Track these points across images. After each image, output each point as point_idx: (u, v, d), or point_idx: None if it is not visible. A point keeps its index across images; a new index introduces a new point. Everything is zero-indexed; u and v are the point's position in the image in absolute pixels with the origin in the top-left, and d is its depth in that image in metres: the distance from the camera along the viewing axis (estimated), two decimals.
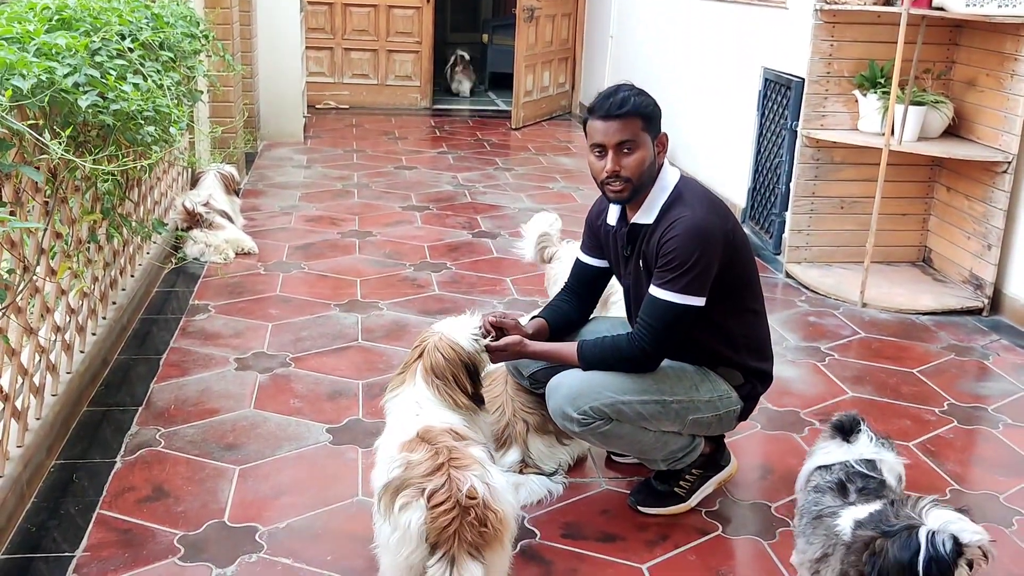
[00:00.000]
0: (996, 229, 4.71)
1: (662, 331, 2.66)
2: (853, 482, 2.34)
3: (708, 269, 2.65)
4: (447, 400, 2.54)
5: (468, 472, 2.24)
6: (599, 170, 2.71)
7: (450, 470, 2.25)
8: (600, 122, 2.67)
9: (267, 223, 5.97)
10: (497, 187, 7.22)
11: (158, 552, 2.67)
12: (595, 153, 2.72)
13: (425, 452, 2.32)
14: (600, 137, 2.68)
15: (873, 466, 2.37)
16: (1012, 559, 2.79)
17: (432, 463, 2.27)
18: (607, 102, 2.67)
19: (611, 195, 2.75)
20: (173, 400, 3.57)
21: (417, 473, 2.26)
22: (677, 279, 2.63)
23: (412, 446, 2.37)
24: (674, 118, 7.49)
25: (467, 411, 2.58)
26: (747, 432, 3.46)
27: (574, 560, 2.71)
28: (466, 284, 4.98)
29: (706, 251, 2.64)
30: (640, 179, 2.70)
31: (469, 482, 2.21)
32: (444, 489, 2.21)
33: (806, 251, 5.34)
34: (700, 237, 2.64)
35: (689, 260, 2.62)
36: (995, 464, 3.37)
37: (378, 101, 10.61)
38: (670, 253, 2.64)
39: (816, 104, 5.09)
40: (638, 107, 2.67)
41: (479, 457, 2.33)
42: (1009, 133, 4.60)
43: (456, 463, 2.27)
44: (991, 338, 4.50)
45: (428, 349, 2.61)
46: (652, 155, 2.71)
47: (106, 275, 3.94)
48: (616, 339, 2.75)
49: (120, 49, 3.25)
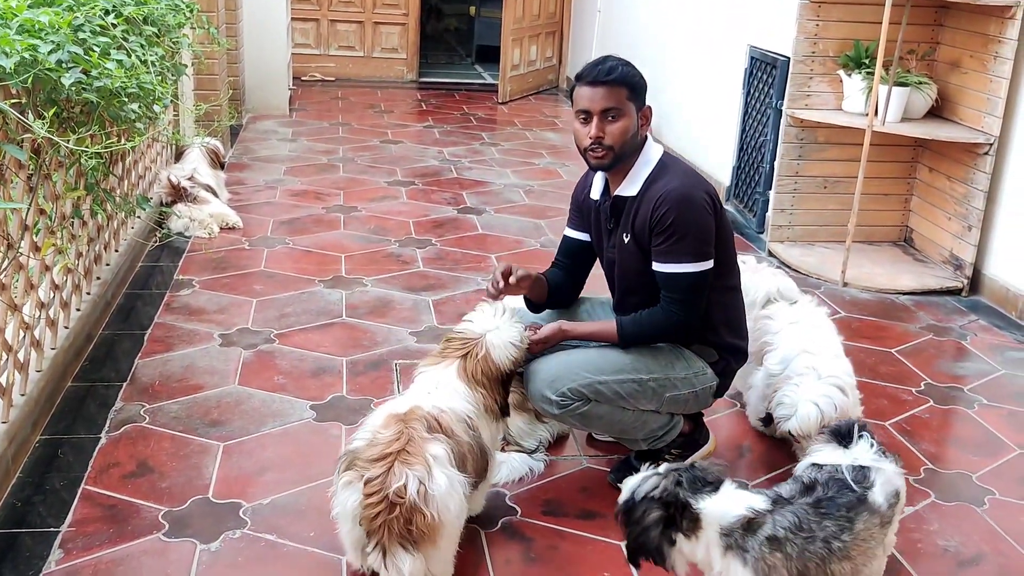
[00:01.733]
0: (977, 210, 4.75)
1: (690, 301, 2.74)
2: (827, 488, 2.19)
3: (708, 231, 2.74)
4: (481, 404, 2.58)
5: (410, 470, 2.24)
6: (583, 136, 2.76)
7: (395, 463, 2.26)
8: (587, 88, 2.73)
9: (252, 197, 5.95)
10: (483, 162, 7.22)
11: (143, 528, 2.70)
12: (580, 119, 2.77)
13: (391, 434, 2.34)
14: (586, 103, 2.73)
15: (865, 475, 2.23)
16: (983, 538, 2.85)
17: (383, 450, 2.29)
18: (595, 69, 2.73)
19: (593, 161, 2.80)
20: (158, 376, 3.59)
21: (368, 455, 2.30)
22: (684, 250, 2.70)
23: (390, 422, 2.40)
24: (660, 94, 7.50)
25: (491, 414, 2.62)
26: (726, 411, 3.51)
27: (554, 537, 2.76)
28: (451, 261, 5.00)
29: (698, 216, 2.72)
30: (622, 147, 2.74)
31: (403, 480, 2.22)
32: (379, 481, 2.24)
33: (789, 230, 5.37)
34: (687, 206, 2.71)
35: (687, 229, 2.69)
36: (969, 444, 3.42)
37: (364, 73, 10.56)
38: (668, 227, 2.69)
39: (801, 84, 5.11)
40: (625, 76, 2.72)
41: (433, 455, 2.31)
42: (991, 115, 4.63)
43: (404, 457, 2.27)
44: (969, 318, 4.56)
45: (472, 354, 2.61)
46: (635, 126, 2.76)
47: (90, 250, 3.93)
48: (651, 314, 2.79)
49: (104, 25, 3.24)
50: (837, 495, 2.17)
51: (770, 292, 3.33)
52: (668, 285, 2.75)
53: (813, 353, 3.06)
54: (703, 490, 2.07)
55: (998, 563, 2.74)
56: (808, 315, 3.28)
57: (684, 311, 2.75)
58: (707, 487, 2.09)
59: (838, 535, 2.11)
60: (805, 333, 3.17)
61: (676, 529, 2.07)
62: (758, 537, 2.05)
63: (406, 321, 4.20)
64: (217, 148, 5.74)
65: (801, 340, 3.13)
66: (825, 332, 3.23)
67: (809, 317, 3.27)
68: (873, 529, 2.19)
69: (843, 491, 2.17)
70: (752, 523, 2.06)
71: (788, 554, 2.05)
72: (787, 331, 3.20)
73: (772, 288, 3.33)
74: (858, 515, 2.16)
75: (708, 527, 2.05)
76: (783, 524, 2.07)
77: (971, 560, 2.74)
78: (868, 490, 2.20)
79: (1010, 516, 2.96)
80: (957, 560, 2.74)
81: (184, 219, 5.15)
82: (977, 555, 2.76)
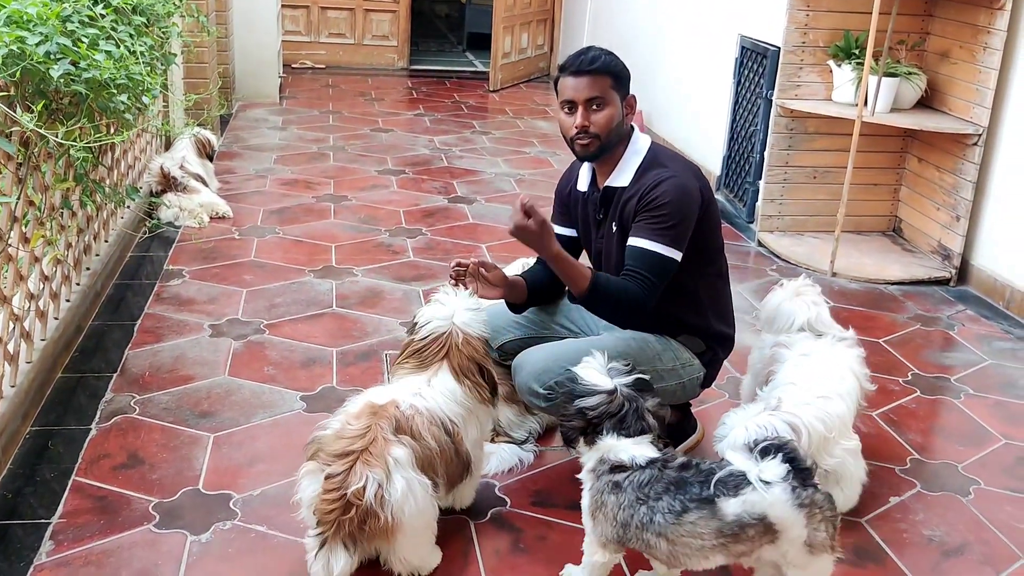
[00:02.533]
0: (965, 201, 4.77)
1: (652, 283, 2.70)
2: (695, 474, 2.23)
3: (688, 226, 2.74)
4: (474, 395, 2.58)
5: (370, 471, 2.27)
6: (568, 126, 2.77)
7: (356, 462, 2.29)
8: (571, 78, 2.74)
9: (242, 186, 5.95)
10: (474, 151, 7.22)
11: (133, 519, 2.71)
12: (565, 110, 2.78)
13: (358, 428, 2.36)
14: (571, 93, 2.74)
15: (738, 484, 2.17)
16: (967, 527, 2.88)
17: (347, 446, 2.32)
18: (578, 59, 2.74)
19: (579, 150, 2.80)
20: (148, 367, 3.59)
21: (333, 449, 2.33)
22: (665, 231, 2.69)
23: (363, 414, 2.41)
24: (652, 83, 7.51)
25: (483, 403, 2.62)
26: (715, 401, 3.53)
27: (543, 528, 2.78)
28: (441, 251, 5.00)
29: (690, 209, 2.73)
30: (608, 136, 2.75)
31: (362, 482, 2.25)
32: (339, 478, 2.28)
33: (778, 220, 5.39)
34: (684, 193, 2.72)
35: (674, 216, 2.69)
36: (955, 434, 3.45)
37: (355, 61, 10.53)
38: (659, 208, 2.69)
39: (791, 74, 5.12)
40: (608, 65, 2.74)
41: (395, 457, 2.32)
42: (980, 106, 4.65)
43: (367, 457, 2.29)
44: (957, 308, 4.59)
45: (452, 348, 2.58)
46: (620, 114, 2.77)
47: (80, 241, 3.93)
48: (624, 282, 2.74)
49: (92, 15, 3.23)
50: (693, 484, 2.21)
51: (804, 322, 3.04)
52: (638, 261, 2.69)
53: (797, 386, 2.79)
54: (622, 429, 2.29)
55: (982, 552, 2.76)
56: (825, 350, 2.95)
57: (645, 290, 2.69)
58: (627, 429, 2.30)
59: (665, 513, 2.20)
60: (807, 367, 2.88)
61: (583, 437, 2.35)
62: (611, 477, 2.29)
63: (396, 311, 4.20)
64: (208, 139, 5.72)
65: (797, 373, 2.87)
66: (833, 370, 2.87)
67: (825, 352, 2.94)
68: (705, 530, 2.18)
69: (701, 484, 2.21)
70: (621, 467, 2.28)
71: (619, 502, 2.27)
72: (793, 362, 2.93)
73: (806, 318, 3.04)
74: (695, 509, 2.18)
75: (596, 451, 2.33)
76: (634, 479, 2.26)
77: (956, 550, 2.77)
78: (722, 496, 2.17)
79: (994, 506, 2.99)
80: (942, 550, 2.77)
81: (174, 209, 5.15)
82: (962, 544, 2.79)
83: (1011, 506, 3.00)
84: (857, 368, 2.94)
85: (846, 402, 2.79)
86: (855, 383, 2.89)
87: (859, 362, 2.97)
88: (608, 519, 2.30)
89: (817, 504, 2.18)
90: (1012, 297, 4.53)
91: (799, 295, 3.10)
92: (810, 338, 3.01)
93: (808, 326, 3.03)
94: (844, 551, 2.70)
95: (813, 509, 2.17)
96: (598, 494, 2.32)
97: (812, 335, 3.02)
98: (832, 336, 3.02)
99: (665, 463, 2.27)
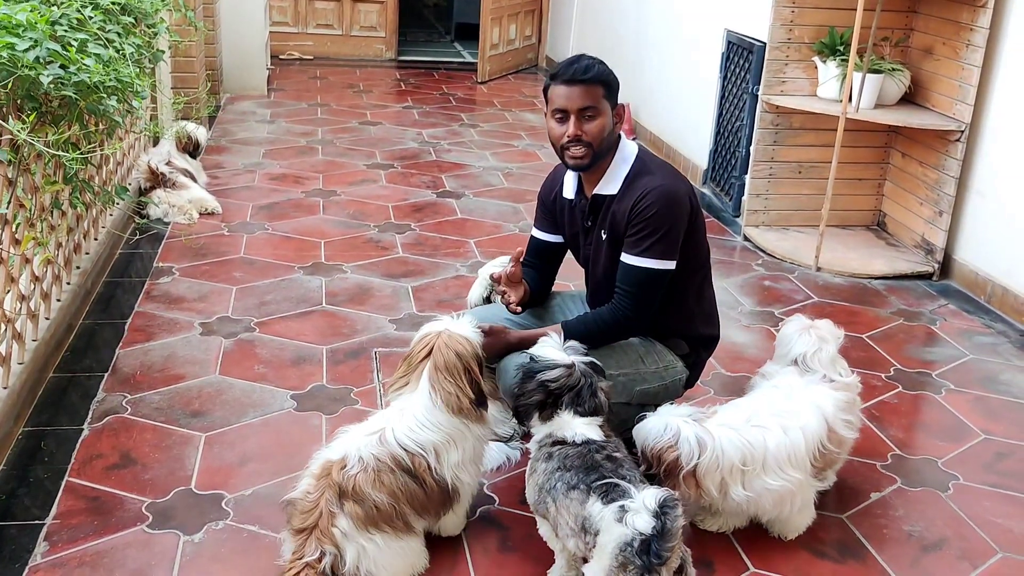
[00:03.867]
0: (948, 196, 4.83)
1: (642, 297, 2.77)
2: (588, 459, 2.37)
3: (679, 234, 2.79)
4: (452, 403, 2.54)
5: (323, 546, 2.43)
6: (559, 135, 2.78)
7: (310, 537, 2.44)
8: (564, 87, 2.75)
9: (231, 181, 5.96)
10: (462, 144, 7.24)
11: (127, 519, 2.74)
12: (556, 118, 2.79)
13: (311, 502, 2.47)
14: (563, 102, 2.75)
15: (622, 495, 2.20)
16: (946, 522, 2.94)
17: (302, 522, 2.47)
18: (571, 68, 2.75)
19: (571, 161, 2.82)
20: (139, 366, 3.62)
21: (295, 523, 2.49)
22: (653, 245, 2.74)
23: (320, 477, 2.49)
24: (639, 77, 7.54)
25: (467, 415, 2.57)
26: (700, 397, 3.58)
27: (530, 525, 2.79)
28: (430, 247, 5.04)
29: (678, 217, 2.77)
30: (600, 145, 2.78)
31: (316, 555, 2.42)
32: (298, 552, 2.46)
33: (764, 215, 5.44)
34: (672, 203, 2.76)
35: (664, 226, 2.74)
36: (936, 429, 3.51)
37: (343, 52, 10.51)
38: (645, 220, 2.74)
39: (776, 70, 5.15)
40: (600, 75, 2.76)
41: (342, 530, 2.43)
42: (963, 102, 4.70)
43: (318, 534, 2.44)
44: (939, 303, 4.65)
45: (438, 346, 2.59)
46: (611, 124, 2.80)
47: (70, 240, 3.95)
48: (598, 313, 2.86)
49: (81, 18, 3.24)
50: (598, 473, 2.31)
51: (799, 355, 2.87)
52: (626, 278, 2.78)
53: (739, 408, 2.73)
54: (578, 404, 2.46)
55: (960, 547, 2.83)
56: (797, 385, 2.81)
57: (634, 307, 2.77)
58: (583, 404, 2.46)
59: (562, 483, 2.36)
60: (767, 396, 2.79)
61: (538, 411, 2.51)
62: (550, 449, 2.46)
63: (386, 308, 4.24)
64: (189, 134, 5.68)
65: (752, 399, 2.81)
66: (794, 405, 2.73)
67: (796, 387, 2.80)
68: (573, 513, 2.29)
69: (601, 477, 2.30)
70: (562, 442, 2.45)
71: (544, 468, 2.44)
72: (760, 390, 2.86)
73: (803, 352, 2.86)
74: (578, 492, 2.30)
75: (547, 426, 2.50)
76: (565, 452, 2.42)
77: (934, 545, 2.83)
78: (594, 495, 2.25)
79: (973, 501, 3.05)
80: (921, 545, 2.83)
81: (163, 206, 5.16)
82: (940, 540, 2.86)
83: (989, 501, 3.06)
84: (829, 410, 2.75)
85: (792, 438, 2.65)
86: (818, 424, 2.71)
87: (837, 405, 2.79)
88: (534, 486, 2.46)
89: (635, 568, 2.11)
90: (993, 292, 4.60)
91: (804, 333, 2.91)
92: (796, 373, 2.86)
93: (801, 361, 2.87)
94: (825, 547, 2.78)
95: (629, 568, 2.12)
96: (534, 462, 2.50)
97: (800, 370, 2.87)
98: (822, 375, 2.84)
99: (599, 448, 2.40)
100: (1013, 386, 3.84)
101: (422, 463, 2.52)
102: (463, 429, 2.58)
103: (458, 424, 2.57)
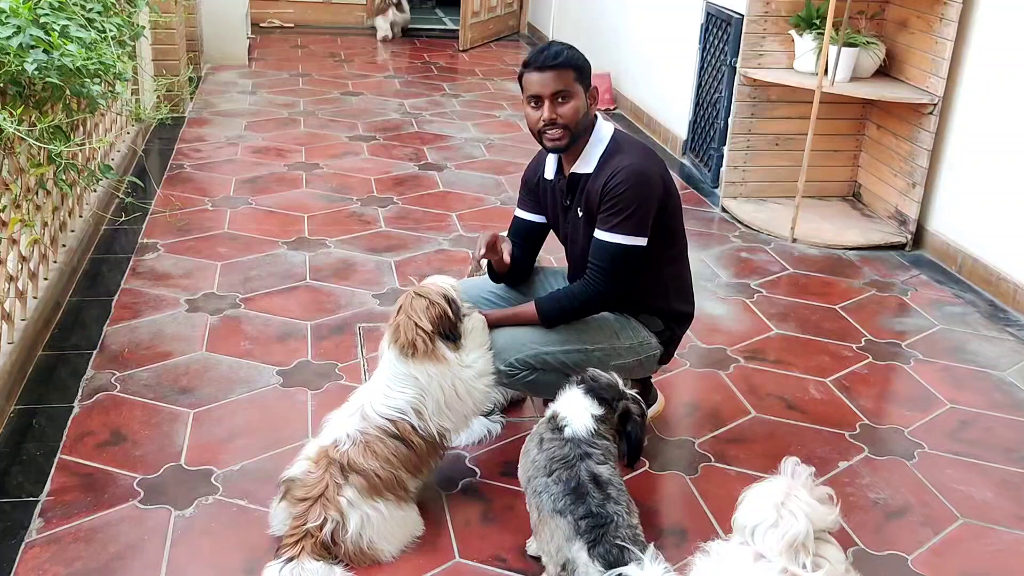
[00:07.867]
0: (921, 168, 4.92)
1: (612, 271, 2.86)
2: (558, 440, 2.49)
3: (650, 210, 2.86)
4: (405, 346, 2.66)
5: (327, 513, 2.54)
6: (536, 120, 2.87)
7: (315, 504, 2.55)
8: (536, 74, 2.83)
9: (213, 155, 5.98)
10: (444, 115, 7.27)
11: (119, 496, 2.82)
12: (531, 105, 2.88)
13: (316, 477, 2.59)
14: (536, 88, 2.84)
15: None
16: (910, 489, 3.06)
17: (307, 492, 2.58)
18: (542, 55, 2.84)
19: (549, 144, 2.91)
20: (127, 343, 3.69)
21: (298, 494, 2.59)
22: (623, 222, 2.82)
23: (320, 459, 2.63)
24: (619, 48, 7.57)
25: (429, 356, 2.67)
26: (677, 370, 3.68)
27: (511, 497, 2.91)
28: (412, 220, 5.10)
29: (649, 194, 2.85)
30: (576, 127, 2.86)
31: (319, 520, 2.54)
32: (302, 517, 2.56)
33: (742, 186, 5.52)
34: (642, 181, 2.83)
35: (634, 203, 2.81)
36: (903, 399, 3.63)
37: (323, 19, 10.48)
38: (616, 197, 2.82)
39: (754, 43, 5.21)
40: (571, 59, 2.84)
41: (348, 499, 2.56)
42: (936, 76, 4.77)
43: (324, 502, 2.55)
44: (911, 273, 4.76)
45: (403, 303, 2.75)
46: (585, 105, 2.88)
47: (55, 219, 3.99)
48: (569, 289, 2.96)
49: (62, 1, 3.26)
50: (570, 494, 2.37)
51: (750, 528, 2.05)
52: (597, 253, 2.87)
53: None
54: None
55: (923, 514, 2.94)
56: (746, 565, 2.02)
57: (605, 282, 2.87)
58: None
59: (543, 492, 2.43)
60: None
61: None
62: (548, 433, 2.53)
63: (369, 283, 4.31)
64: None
65: None
66: None
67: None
68: (561, 542, 2.33)
69: (576, 499, 2.36)
70: (560, 429, 2.52)
71: (535, 457, 2.50)
72: None
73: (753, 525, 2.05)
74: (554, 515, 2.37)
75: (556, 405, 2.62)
76: (549, 443, 2.50)
77: (898, 512, 2.95)
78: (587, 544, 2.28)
79: (936, 469, 3.17)
80: (885, 512, 2.95)
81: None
82: (904, 507, 2.97)
83: (951, 469, 3.18)
84: None
85: None
86: None
87: None
88: (524, 472, 2.55)
89: None
90: (963, 262, 4.71)
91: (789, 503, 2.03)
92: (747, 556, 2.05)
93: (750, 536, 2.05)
94: None
95: None
96: (530, 440, 2.58)
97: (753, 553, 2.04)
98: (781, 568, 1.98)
99: (585, 454, 2.44)
100: (980, 355, 3.96)
101: (406, 426, 2.67)
102: (433, 374, 2.68)
103: (426, 370, 2.68)
